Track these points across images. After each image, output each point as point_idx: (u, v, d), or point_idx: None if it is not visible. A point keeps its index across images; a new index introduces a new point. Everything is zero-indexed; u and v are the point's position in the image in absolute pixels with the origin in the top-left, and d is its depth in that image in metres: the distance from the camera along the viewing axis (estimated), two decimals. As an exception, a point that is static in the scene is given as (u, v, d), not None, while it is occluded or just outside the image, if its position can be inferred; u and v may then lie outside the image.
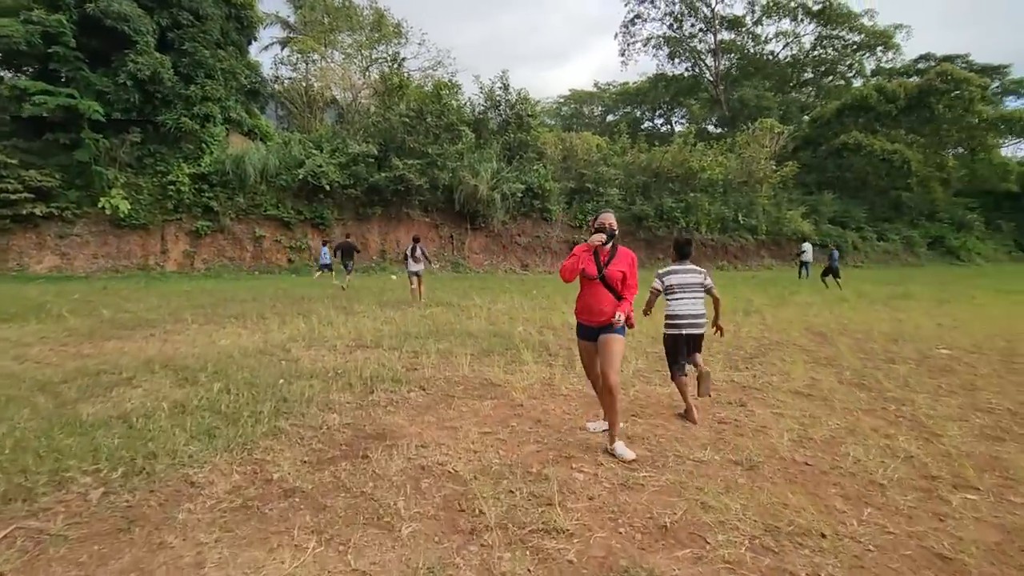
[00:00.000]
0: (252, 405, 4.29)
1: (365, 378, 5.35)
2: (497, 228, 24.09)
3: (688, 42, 46.64)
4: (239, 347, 6.72)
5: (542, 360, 6.44)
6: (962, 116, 34.80)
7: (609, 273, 3.61)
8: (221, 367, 5.57)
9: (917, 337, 8.30)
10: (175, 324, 8.69)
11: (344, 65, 25.52)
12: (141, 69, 18.22)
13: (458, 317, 9.79)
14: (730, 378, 5.75)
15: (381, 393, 4.96)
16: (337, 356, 6.42)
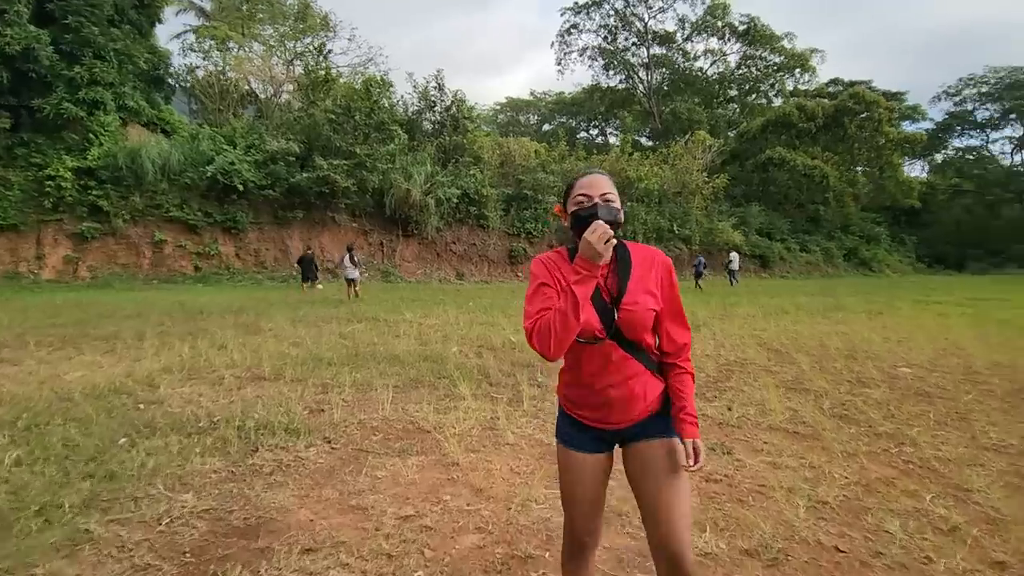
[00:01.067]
0: (54, 490, 2.91)
1: (248, 429, 4.05)
2: (431, 235, 22.79)
3: (622, 55, 47.47)
4: (88, 384, 5.17)
5: (482, 393, 5.36)
6: (872, 136, 37.27)
7: (630, 315, 1.58)
8: (41, 418, 4.07)
9: (872, 353, 7.93)
10: (21, 349, 6.88)
11: (264, 56, 23.39)
12: (10, 43, 15.57)
13: (383, 336, 8.53)
14: (703, 412, 4.91)
15: (267, 453, 3.70)
16: (220, 394, 5.04)
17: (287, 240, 20.57)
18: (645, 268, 1.66)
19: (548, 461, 3.72)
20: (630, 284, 1.62)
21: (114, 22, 18.09)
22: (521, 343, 8.08)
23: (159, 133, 20.24)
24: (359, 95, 20.94)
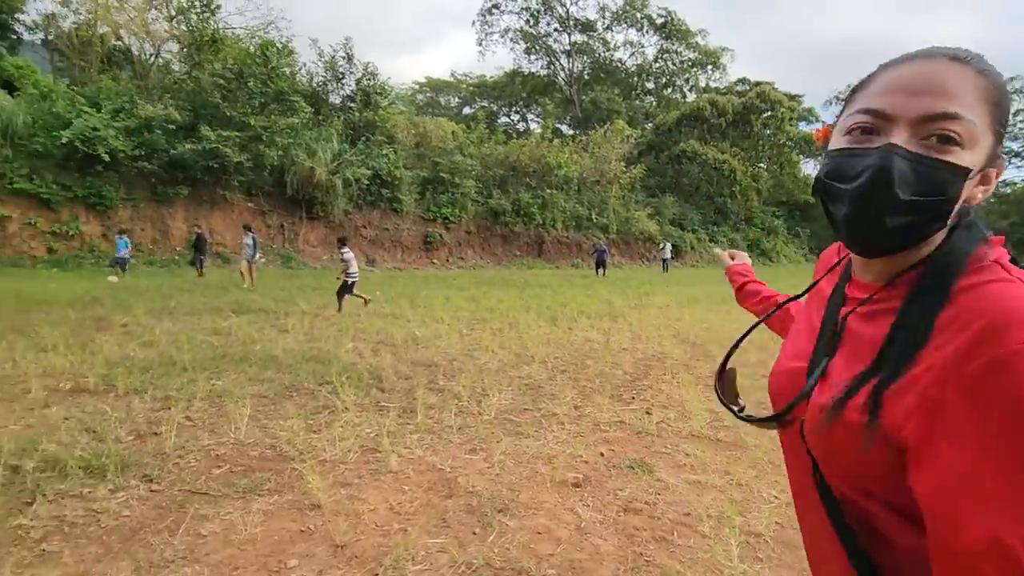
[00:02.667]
0: None
1: (27, 470, 2.98)
2: (339, 218, 21.18)
3: (544, 40, 47.11)
4: None
5: (369, 403, 4.54)
6: (775, 134, 39.62)
7: (816, 426, 0.67)
8: None
9: (781, 344, 7.94)
10: None
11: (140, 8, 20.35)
12: None
13: (265, 332, 7.40)
14: (620, 418, 4.41)
15: (47, 505, 2.69)
16: (12, 415, 3.85)
17: (168, 220, 18.18)
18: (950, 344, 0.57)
19: (437, 494, 3.02)
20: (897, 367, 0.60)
21: (-64, -52, 14.86)
22: (425, 339, 7.30)
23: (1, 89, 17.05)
24: (254, 59, 18.76)
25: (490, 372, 5.75)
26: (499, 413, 4.43)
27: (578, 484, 3.22)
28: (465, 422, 4.17)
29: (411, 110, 34.88)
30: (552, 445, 3.79)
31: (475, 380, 5.34)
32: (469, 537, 2.60)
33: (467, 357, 6.46)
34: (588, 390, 5.24)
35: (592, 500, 3.02)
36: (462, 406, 4.56)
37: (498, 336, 7.80)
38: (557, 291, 14.99)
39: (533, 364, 6.21)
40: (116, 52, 20.70)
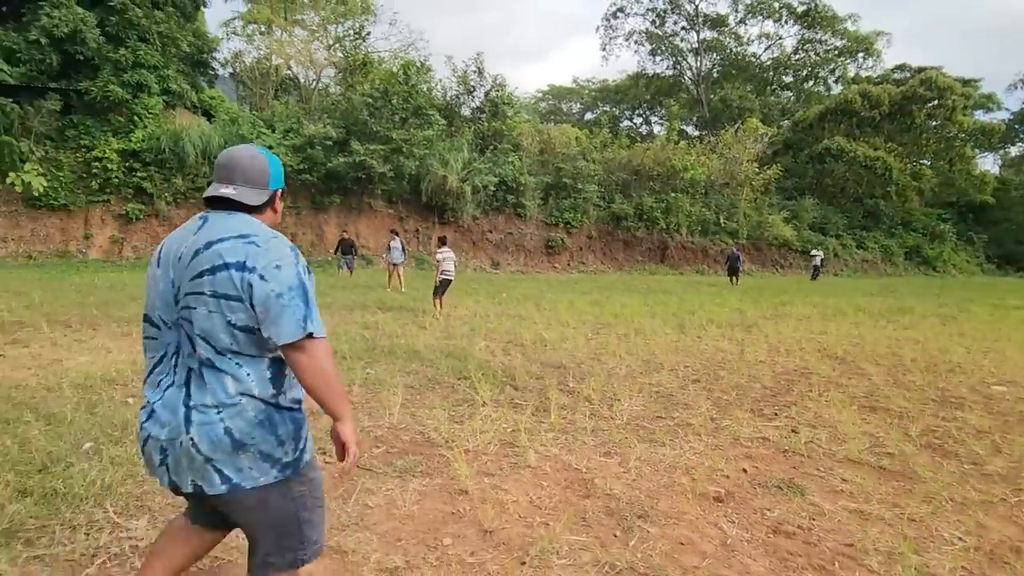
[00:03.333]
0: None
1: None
2: (467, 223, 22.31)
3: (670, 39, 45.58)
4: (84, 373, 4.83)
5: (504, 399, 4.76)
6: (943, 125, 34.51)
7: None
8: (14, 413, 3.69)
9: (955, 366, 6.92)
10: (38, 330, 6.70)
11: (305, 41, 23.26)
12: (58, 25, 15.82)
13: (407, 328, 8.04)
14: (762, 434, 4.17)
15: (248, 466, 3.20)
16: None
17: (323, 225, 20.48)
18: None
19: (575, 492, 3.10)
20: None
21: (158, 4, 18.21)
22: (552, 341, 7.45)
23: (202, 117, 20.40)
24: (396, 79, 20.53)
25: (619, 377, 5.72)
26: (631, 419, 4.41)
27: (720, 499, 3.11)
28: (597, 425, 4.21)
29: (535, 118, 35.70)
30: (689, 456, 3.69)
31: (604, 384, 5.35)
32: (610, 539, 2.64)
33: (594, 361, 6.48)
34: (724, 402, 5.01)
35: (737, 517, 2.90)
36: (593, 409, 4.61)
37: (624, 342, 7.72)
38: (683, 298, 14.41)
39: (662, 372, 6.07)
40: (286, 80, 23.84)
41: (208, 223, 1.49)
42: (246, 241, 1.42)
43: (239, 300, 1.38)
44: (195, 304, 1.40)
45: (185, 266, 1.43)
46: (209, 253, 1.40)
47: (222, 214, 1.52)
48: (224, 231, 1.44)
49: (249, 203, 1.52)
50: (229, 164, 1.54)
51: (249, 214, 1.54)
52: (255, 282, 1.38)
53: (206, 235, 1.45)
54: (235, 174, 1.53)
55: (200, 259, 1.41)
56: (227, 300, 1.38)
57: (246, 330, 1.41)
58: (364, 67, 21.78)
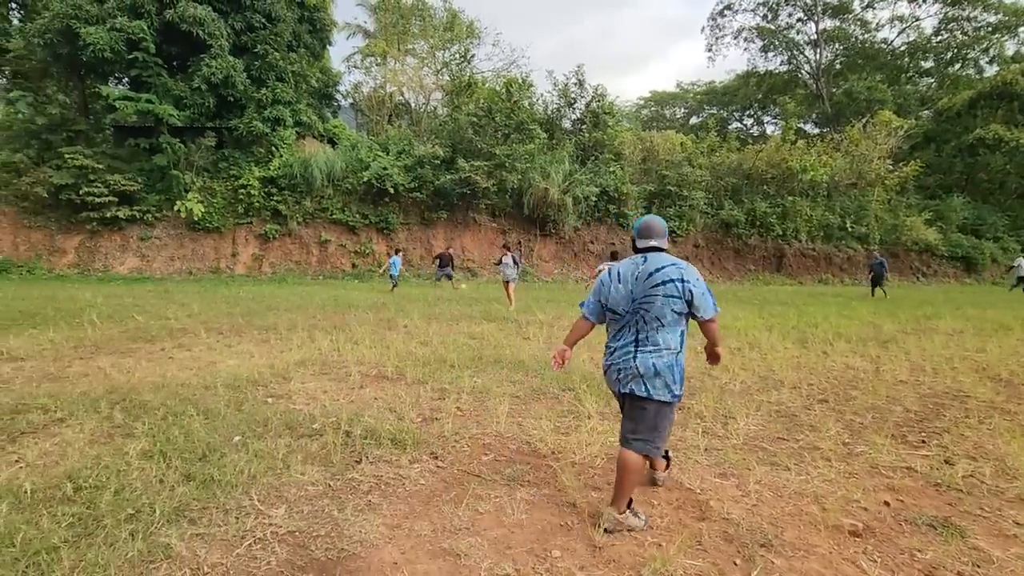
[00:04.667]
0: (154, 492, 2.86)
1: (356, 436, 3.84)
2: (568, 234, 22.33)
3: (784, 33, 42.61)
4: (233, 374, 5.48)
5: (609, 411, 4.67)
6: None
7: None
8: (181, 407, 4.28)
9: None
10: (197, 336, 7.73)
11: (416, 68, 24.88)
12: (215, 73, 18.31)
13: (511, 338, 8.18)
14: (906, 463, 3.69)
15: (369, 466, 3.43)
16: (342, 392, 5.00)
17: (431, 240, 21.57)
18: None
19: (689, 514, 2.96)
20: None
21: (292, 47, 20.47)
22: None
23: (327, 144, 22.47)
24: (500, 97, 21.22)
25: (733, 394, 5.38)
26: (748, 439, 4.12)
27: (857, 533, 2.80)
28: (711, 444, 3.99)
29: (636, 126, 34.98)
30: (817, 483, 3.37)
31: (717, 401, 5.06)
32: (730, 567, 2.48)
33: (705, 376, 6.16)
34: (857, 425, 4.52)
35: (879, 556, 2.60)
36: (706, 426, 4.37)
37: (738, 356, 7.25)
38: (803, 309, 13.26)
39: (783, 389, 5.61)
40: (399, 106, 25.62)
41: (648, 260, 2.77)
42: (675, 267, 2.69)
43: (679, 298, 2.66)
44: (652, 300, 2.68)
45: (643, 280, 2.72)
46: (659, 274, 2.68)
47: (652, 254, 2.78)
48: (661, 263, 2.72)
49: (664, 247, 2.82)
50: (650, 228, 2.82)
51: (664, 251, 2.81)
52: (692, 288, 2.66)
53: (652, 265, 2.73)
54: (654, 233, 2.81)
55: (654, 277, 2.69)
56: (672, 297, 2.66)
57: (679, 313, 2.69)
58: (469, 88, 22.75)
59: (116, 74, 19.76)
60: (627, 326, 2.79)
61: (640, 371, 2.69)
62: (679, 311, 2.68)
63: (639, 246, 2.84)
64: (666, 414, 2.74)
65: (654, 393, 2.68)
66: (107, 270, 19.17)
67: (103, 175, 18.63)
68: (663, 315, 2.67)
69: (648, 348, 2.70)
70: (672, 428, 2.95)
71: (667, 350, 2.69)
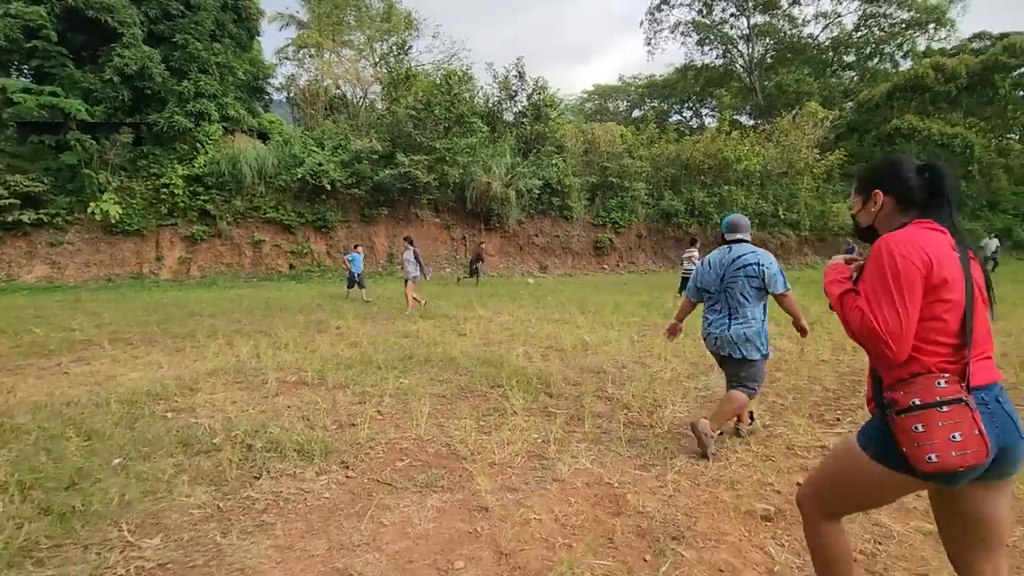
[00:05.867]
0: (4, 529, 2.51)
1: (258, 449, 3.55)
2: (513, 228, 22.23)
3: (719, 28, 43.93)
4: (132, 388, 5.02)
5: (537, 408, 4.55)
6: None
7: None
8: (59, 428, 3.84)
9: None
10: (101, 348, 7.10)
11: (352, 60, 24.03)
12: (128, 64, 17.04)
13: (447, 335, 7.98)
14: (820, 441, 3.75)
15: (269, 481, 3.16)
16: (253, 402, 4.66)
17: (373, 237, 20.96)
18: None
19: (605, 510, 2.86)
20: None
21: (216, 37, 19.31)
22: (595, 345, 7.16)
23: (259, 140, 21.40)
24: (439, 90, 20.80)
25: (662, 382, 5.39)
26: (673, 427, 4.10)
27: (769, 518, 2.78)
28: (635, 434, 3.93)
29: (580, 119, 35.26)
30: (735, 468, 3.36)
31: (646, 390, 5.05)
32: (639, 564, 2.39)
33: (638, 365, 6.17)
34: (778, 407, 4.59)
35: (787, 539, 2.58)
36: (632, 417, 4.33)
37: (671, 343, 7.33)
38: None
39: (712, 374, 5.68)
40: (336, 99, 24.67)
41: (732, 249, 3.51)
42: (754, 253, 3.41)
43: (757, 277, 3.38)
44: (735, 280, 3.42)
45: (728, 265, 3.46)
46: (740, 260, 3.43)
47: (737, 244, 3.53)
48: (743, 251, 3.46)
49: (746, 239, 3.55)
50: (735, 225, 3.59)
51: (746, 242, 3.53)
52: (765, 269, 3.37)
53: (735, 253, 3.48)
54: (739, 228, 3.57)
55: (736, 263, 3.43)
56: (751, 277, 3.38)
57: (757, 289, 3.40)
58: (407, 80, 22.18)
59: (16, 64, 18.07)
60: (719, 302, 3.55)
61: (734, 339, 3.45)
62: (757, 287, 3.41)
63: (727, 238, 3.61)
64: (759, 367, 3.53)
65: (747, 355, 3.45)
66: (11, 279, 17.57)
67: (2, 175, 17.03)
68: (746, 292, 3.42)
69: (739, 320, 3.45)
70: (765, 374, 3.81)
71: (754, 320, 3.44)
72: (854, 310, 1.50)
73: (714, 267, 3.55)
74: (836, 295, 1.59)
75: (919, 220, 1.54)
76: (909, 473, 1.45)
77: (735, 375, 3.56)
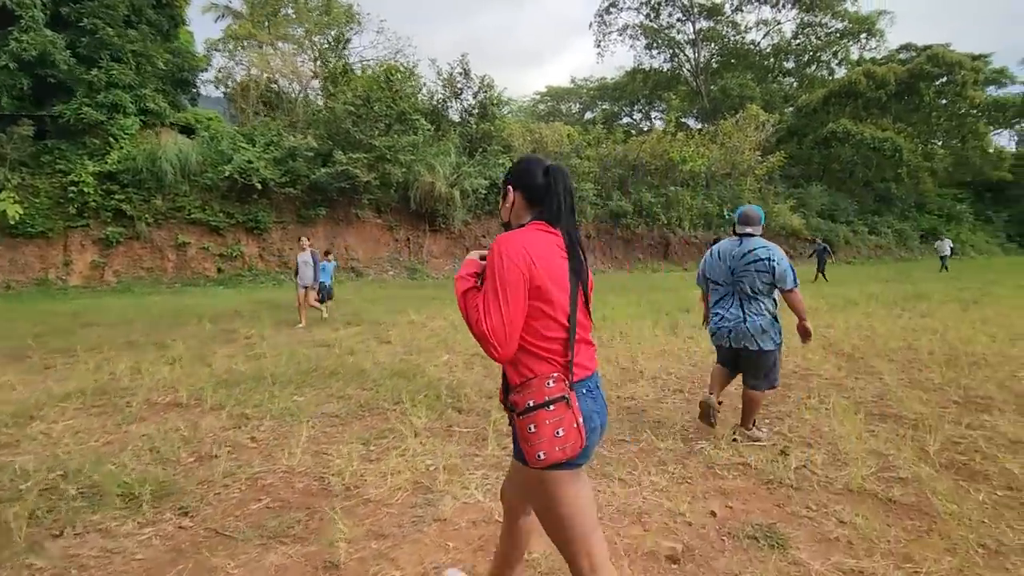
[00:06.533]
0: None
1: (70, 496, 2.88)
2: (459, 229, 21.65)
3: (666, 32, 44.72)
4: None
5: (440, 427, 4.04)
6: (953, 102, 33.27)
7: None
8: None
9: (979, 358, 6.07)
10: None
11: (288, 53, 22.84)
12: (27, 49, 15.48)
13: (368, 343, 7.36)
14: (743, 457, 3.39)
15: (72, 539, 2.51)
16: (101, 431, 3.94)
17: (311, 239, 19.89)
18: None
19: (487, 556, 2.37)
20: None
21: (131, 23, 17.83)
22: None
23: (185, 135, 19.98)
24: (379, 84, 19.96)
25: (587, 392, 4.98)
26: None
27: (675, 559, 2.37)
28: (542, 457, 3.47)
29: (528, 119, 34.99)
30: (647, 494, 2.95)
31: (566, 402, 4.61)
32: (505, 636, 1.90)
33: (564, 373, 5.75)
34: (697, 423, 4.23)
35: None
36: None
37: (605, 348, 6.97)
38: (684, 296, 13.60)
39: (640, 382, 5.32)
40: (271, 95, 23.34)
41: (743, 242, 3.51)
42: (765, 248, 3.44)
43: (767, 272, 3.41)
44: (746, 274, 3.46)
45: (739, 259, 3.48)
46: (751, 255, 3.45)
47: (748, 238, 3.52)
48: (753, 245, 3.48)
49: (757, 233, 3.54)
50: (747, 217, 3.56)
51: (757, 236, 3.53)
52: (775, 265, 3.39)
53: (746, 247, 3.49)
54: (750, 221, 3.54)
55: (747, 256, 3.45)
56: (761, 272, 3.42)
57: (768, 283, 3.44)
58: (346, 75, 21.23)
59: None
60: (729, 295, 3.55)
61: (751, 331, 3.46)
62: (767, 282, 3.41)
63: (737, 231, 3.57)
64: (775, 357, 3.56)
65: (763, 346, 3.47)
66: None
67: None
68: (756, 286, 3.43)
69: (754, 312, 3.46)
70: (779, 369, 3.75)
71: (768, 311, 3.47)
72: (473, 309, 1.46)
73: (724, 258, 3.57)
74: (460, 292, 1.53)
75: (536, 221, 1.55)
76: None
77: (753, 371, 3.59)
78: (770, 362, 3.53)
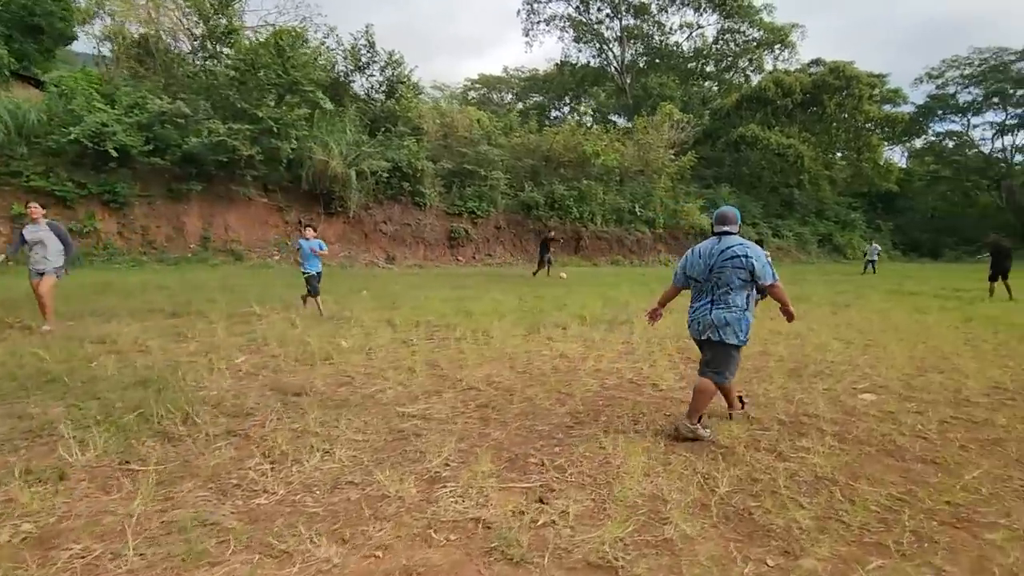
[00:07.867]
0: None
1: None
2: (358, 213, 20.19)
3: (595, 27, 44.68)
4: None
5: (114, 460, 2.97)
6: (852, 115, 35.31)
7: None
8: None
9: (826, 368, 5.75)
10: None
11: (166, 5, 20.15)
12: None
13: (152, 340, 6.11)
14: (481, 508, 2.60)
15: None
16: None
17: (183, 216, 17.78)
18: None
19: None
20: None
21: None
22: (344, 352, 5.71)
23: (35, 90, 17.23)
24: (267, 50, 18.04)
25: (370, 406, 4.09)
26: (293, 491, 2.73)
27: None
28: (217, 513, 2.51)
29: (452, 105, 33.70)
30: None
31: (332, 419, 3.69)
32: None
33: (367, 378, 4.84)
34: (480, 446, 3.43)
35: None
36: (261, 470, 2.92)
37: (442, 349, 6.14)
38: (572, 291, 13.09)
39: (446, 393, 4.51)
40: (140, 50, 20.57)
41: (721, 240, 3.63)
42: (742, 246, 3.56)
43: (744, 268, 3.50)
44: (723, 270, 3.55)
45: (717, 255, 3.59)
46: (728, 251, 3.56)
47: (725, 236, 3.64)
48: (731, 243, 3.59)
49: (734, 232, 3.67)
50: (724, 217, 3.71)
51: (735, 235, 3.66)
52: (754, 261, 3.50)
53: (724, 244, 3.60)
54: (727, 220, 3.68)
55: (725, 253, 3.56)
56: (738, 268, 3.51)
57: (743, 280, 3.53)
58: (228, 35, 19.10)
59: None
60: (704, 290, 3.66)
61: (715, 322, 3.57)
62: (744, 279, 3.52)
63: (715, 230, 3.71)
64: (733, 354, 3.66)
65: (725, 338, 3.56)
66: None
67: None
68: (731, 282, 3.55)
69: (721, 306, 3.57)
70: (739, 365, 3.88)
71: (736, 307, 3.55)
72: None
73: (703, 256, 3.68)
74: None
75: None
76: None
77: (709, 360, 3.72)
78: (724, 356, 3.63)
